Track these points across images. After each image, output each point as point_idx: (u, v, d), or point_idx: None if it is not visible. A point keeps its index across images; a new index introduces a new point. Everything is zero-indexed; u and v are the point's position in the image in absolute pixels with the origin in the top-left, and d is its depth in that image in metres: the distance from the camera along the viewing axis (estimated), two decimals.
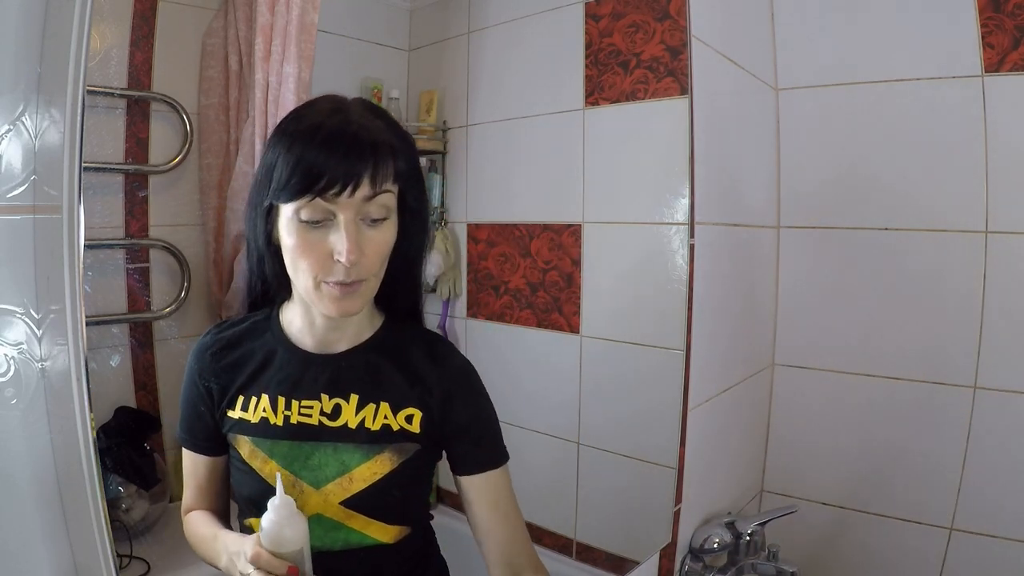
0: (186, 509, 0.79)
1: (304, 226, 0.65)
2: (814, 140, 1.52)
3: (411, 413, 0.74)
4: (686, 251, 1.16)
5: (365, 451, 0.72)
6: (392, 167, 0.66)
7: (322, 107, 0.67)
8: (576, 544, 1.24)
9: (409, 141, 0.71)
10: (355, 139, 0.64)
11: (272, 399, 0.73)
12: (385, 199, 0.66)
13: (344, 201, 0.63)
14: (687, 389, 1.18)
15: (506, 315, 1.30)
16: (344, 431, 0.72)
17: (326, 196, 0.63)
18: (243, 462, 0.73)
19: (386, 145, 0.65)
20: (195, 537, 0.76)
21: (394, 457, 0.73)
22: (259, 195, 0.68)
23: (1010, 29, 1.26)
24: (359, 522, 0.73)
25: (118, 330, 0.88)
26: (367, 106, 0.70)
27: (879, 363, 1.46)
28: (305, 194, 0.63)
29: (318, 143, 0.63)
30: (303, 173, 0.63)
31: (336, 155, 0.63)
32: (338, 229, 0.64)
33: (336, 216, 0.64)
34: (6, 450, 0.60)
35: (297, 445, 0.72)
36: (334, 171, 0.62)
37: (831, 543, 1.53)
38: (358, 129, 0.65)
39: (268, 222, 0.69)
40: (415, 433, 0.74)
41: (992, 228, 1.31)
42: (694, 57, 1.14)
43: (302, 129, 0.65)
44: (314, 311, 0.73)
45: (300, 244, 0.65)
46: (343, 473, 0.72)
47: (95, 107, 0.86)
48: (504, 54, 1.31)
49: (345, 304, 0.67)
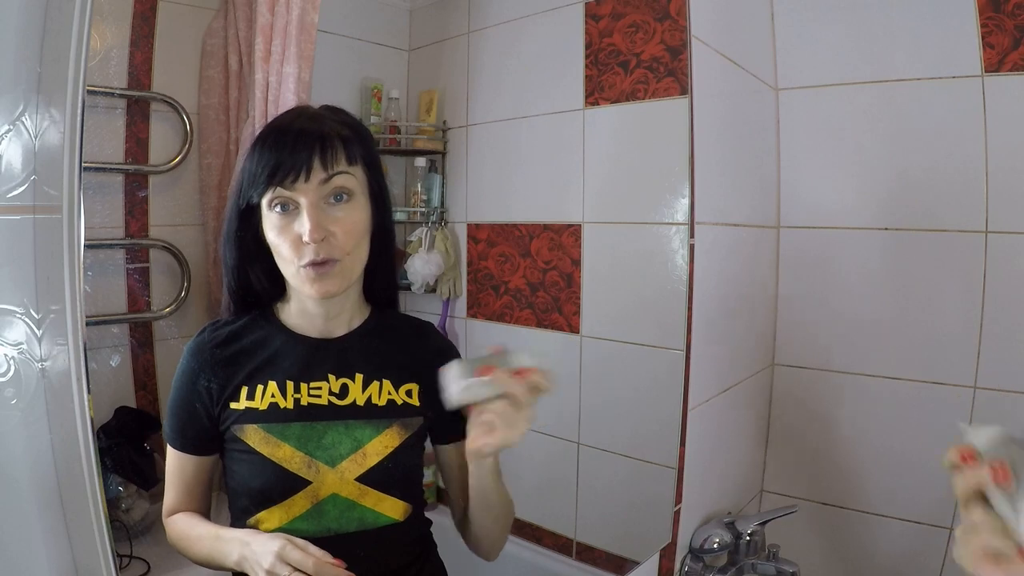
0: (169, 511, 0.78)
1: (276, 216, 0.72)
2: (814, 140, 1.52)
3: (411, 387, 0.80)
4: (686, 251, 1.16)
5: (375, 426, 0.77)
6: (343, 152, 0.73)
7: (285, 115, 0.77)
8: (576, 544, 1.24)
9: (362, 130, 0.78)
10: (303, 132, 0.72)
11: (280, 384, 0.75)
12: (343, 180, 0.73)
13: (302, 187, 0.71)
14: (687, 389, 1.18)
15: (506, 315, 1.30)
16: (353, 408, 0.77)
17: (285, 184, 0.71)
18: (252, 452, 0.73)
19: (334, 134, 0.73)
20: (187, 538, 0.75)
21: (401, 431, 0.78)
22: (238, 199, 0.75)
23: (1010, 29, 1.26)
24: (372, 498, 0.76)
25: (118, 330, 0.88)
26: (327, 108, 0.78)
27: (879, 363, 1.46)
28: (268, 186, 0.71)
29: (273, 141, 0.72)
30: (262, 166, 0.71)
31: (287, 147, 0.71)
32: (302, 213, 0.71)
33: (299, 202, 0.71)
34: (6, 450, 0.60)
35: (310, 426, 0.75)
36: (287, 161, 0.71)
37: (831, 543, 1.53)
38: (307, 124, 0.73)
39: (251, 223, 0.75)
40: (417, 406, 0.80)
41: (992, 228, 1.31)
42: (694, 57, 1.14)
43: (264, 133, 0.74)
44: (308, 303, 0.78)
45: (275, 233, 0.72)
46: (357, 449, 0.75)
47: (95, 107, 0.86)
48: (504, 54, 1.31)
49: (323, 284, 0.72)
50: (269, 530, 0.72)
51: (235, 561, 0.68)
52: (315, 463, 0.74)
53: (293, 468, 0.73)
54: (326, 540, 0.68)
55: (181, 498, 0.78)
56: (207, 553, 0.72)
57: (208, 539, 0.73)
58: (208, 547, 0.72)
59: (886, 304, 1.45)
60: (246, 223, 0.75)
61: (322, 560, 0.64)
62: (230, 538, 0.70)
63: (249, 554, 0.66)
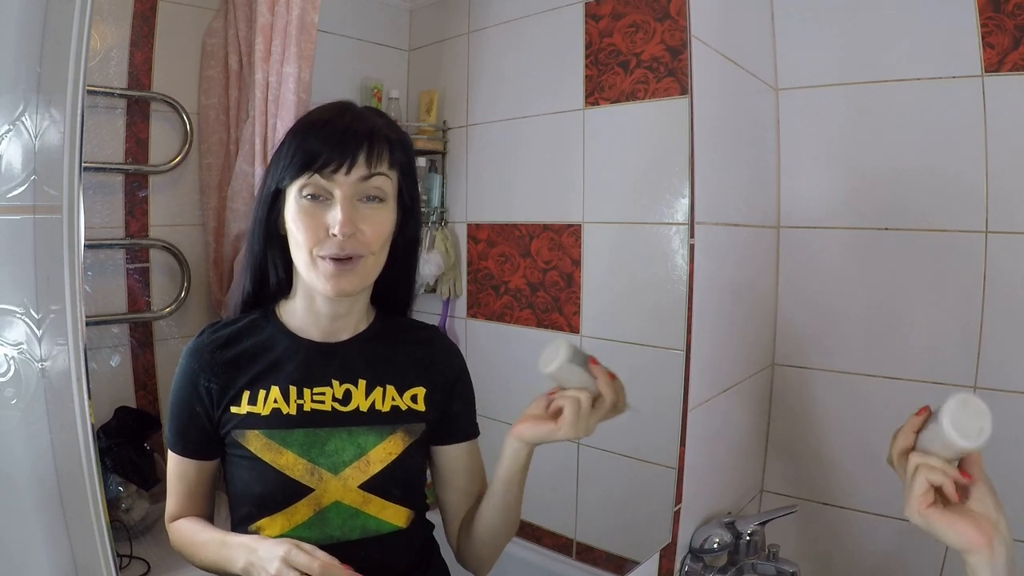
0: (172, 517, 0.77)
1: (305, 201, 0.71)
2: (814, 140, 1.52)
3: (415, 392, 0.80)
4: (686, 251, 1.16)
5: (379, 432, 0.76)
6: (388, 154, 0.73)
7: (329, 106, 0.75)
8: (576, 544, 1.24)
9: (406, 139, 0.77)
10: (352, 126, 0.72)
11: (283, 390, 0.74)
12: (380, 182, 0.72)
13: (341, 179, 0.70)
14: (687, 389, 1.18)
15: (506, 315, 1.30)
16: (357, 415, 0.76)
17: (324, 173, 0.70)
18: (253, 458, 0.73)
19: (382, 135, 0.73)
20: (191, 544, 0.74)
21: (405, 437, 0.77)
22: (267, 182, 0.75)
23: (1010, 29, 1.26)
24: (376, 506, 0.75)
25: (118, 330, 0.88)
26: (370, 108, 0.78)
27: (879, 363, 1.46)
28: (306, 171, 0.70)
29: (318, 129, 0.71)
30: (304, 152, 0.70)
31: (334, 138, 0.71)
32: (335, 205, 0.70)
33: (334, 194, 0.70)
34: (6, 450, 0.60)
35: (313, 432, 0.74)
36: (331, 150, 0.70)
37: (831, 543, 1.53)
38: (356, 119, 0.73)
39: (275, 210, 0.74)
40: (421, 412, 0.79)
41: (992, 228, 1.31)
42: (694, 57, 1.14)
43: (308, 122, 0.73)
44: (318, 301, 0.76)
45: (300, 217, 0.71)
46: (360, 456, 0.75)
47: (95, 107, 0.86)
48: (504, 54, 1.31)
49: (341, 282, 0.71)
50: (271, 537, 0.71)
51: (241, 567, 0.67)
52: (318, 470, 0.73)
53: (295, 475, 0.72)
54: (329, 548, 0.67)
55: (184, 504, 0.77)
56: (212, 559, 0.71)
57: (213, 545, 0.72)
58: (214, 553, 0.71)
59: (886, 304, 1.45)
60: (272, 209, 0.74)
61: (328, 564, 0.63)
62: (236, 544, 0.69)
63: (256, 560, 0.66)
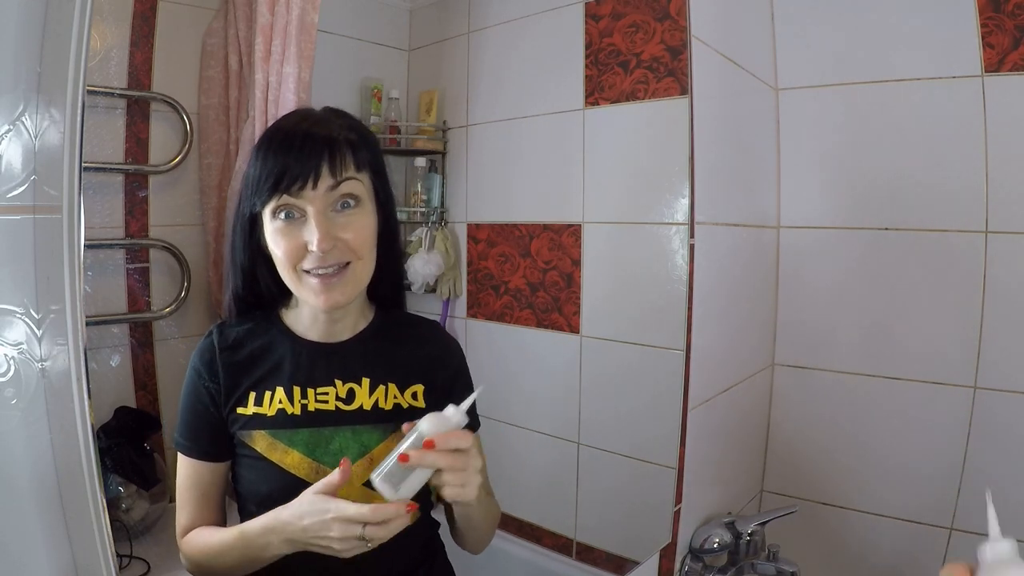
0: (184, 529, 0.74)
1: (280, 222, 0.71)
2: (814, 140, 1.52)
3: (416, 389, 0.80)
4: (686, 251, 1.16)
5: (382, 430, 0.76)
6: (352, 157, 0.72)
7: (288, 118, 0.75)
8: (576, 544, 1.24)
9: (370, 137, 0.76)
10: (309, 137, 0.70)
11: (288, 390, 0.75)
12: (350, 186, 0.72)
13: (309, 194, 0.69)
14: (687, 389, 1.18)
15: (506, 315, 1.30)
16: (360, 413, 0.76)
17: (292, 192, 0.69)
18: (259, 457, 0.73)
19: (341, 139, 0.71)
20: (211, 549, 0.71)
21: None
22: (241, 208, 0.74)
23: (1010, 29, 1.26)
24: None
25: (118, 330, 0.88)
26: (331, 111, 0.76)
27: (879, 363, 1.46)
28: (274, 193, 0.69)
29: (277, 145, 0.70)
30: (267, 174, 0.69)
31: (294, 153, 0.69)
32: (308, 221, 0.70)
33: (306, 211, 0.70)
34: (6, 450, 0.60)
35: (317, 431, 0.75)
36: (294, 168, 0.69)
37: (831, 543, 1.53)
38: (313, 128, 0.71)
39: (254, 234, 0.74)
40: (422, 409, 0.79)
41: (992, 228, 1.31)
42: (694, 57, 1.14)
43: (267, 138, 0.72)
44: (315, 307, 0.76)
45: (277, 238, 0.71)
46: (364, 454, 0.75)
47: (95, 107, 0.86)
48: (504, 54, 1.31)
49: (333, 294, 0.71)
50: None
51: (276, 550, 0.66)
52: (323, 469, 0.73)
53: (301, 474, 0.73)
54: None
55: (196, 513, 0.75)
56: (238, 558, 0.69)
57: (235, 543, 0.69)
58: (239, 552, 0.69)
59: (886, 304, 1.45)
60: (252, 231, 0.74)
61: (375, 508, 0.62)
62: (260, 530, 0.67)
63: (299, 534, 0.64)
